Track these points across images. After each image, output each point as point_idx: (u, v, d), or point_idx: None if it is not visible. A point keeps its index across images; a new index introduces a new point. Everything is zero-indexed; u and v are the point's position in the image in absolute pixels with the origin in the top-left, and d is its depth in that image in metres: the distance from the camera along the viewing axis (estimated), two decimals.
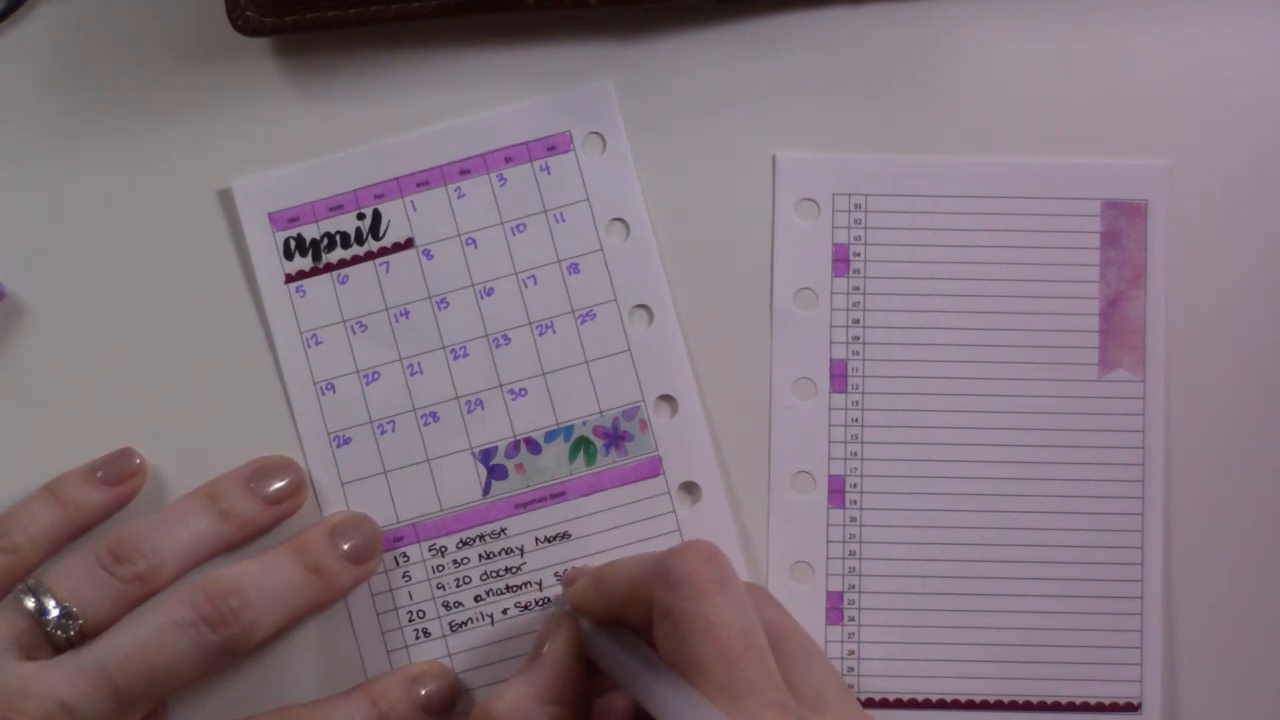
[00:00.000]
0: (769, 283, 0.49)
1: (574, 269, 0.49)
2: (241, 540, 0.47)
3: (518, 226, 0.49)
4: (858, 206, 0.49)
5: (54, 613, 0.44)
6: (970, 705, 0.48)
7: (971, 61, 0.49)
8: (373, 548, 0.48)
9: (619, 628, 0.43)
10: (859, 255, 0.49)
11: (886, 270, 0.49)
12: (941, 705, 0.48)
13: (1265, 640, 0.49)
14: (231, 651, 0.44)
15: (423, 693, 0.47)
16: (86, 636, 0.44)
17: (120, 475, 0.47)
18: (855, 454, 0.49)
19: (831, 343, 0.49)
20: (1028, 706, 0.48)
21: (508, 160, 0.49)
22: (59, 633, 0.43)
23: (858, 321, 0.49)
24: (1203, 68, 0.49)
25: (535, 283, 0.49)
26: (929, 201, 0.49)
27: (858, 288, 0.49)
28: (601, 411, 0.49)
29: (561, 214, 0.49)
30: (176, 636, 0.43)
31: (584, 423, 0.49)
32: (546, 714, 0.41)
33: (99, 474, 0.47)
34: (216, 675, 0.47)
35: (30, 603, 0.44)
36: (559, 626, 0.44)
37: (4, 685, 0.42)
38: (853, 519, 0.49)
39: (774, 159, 0.49)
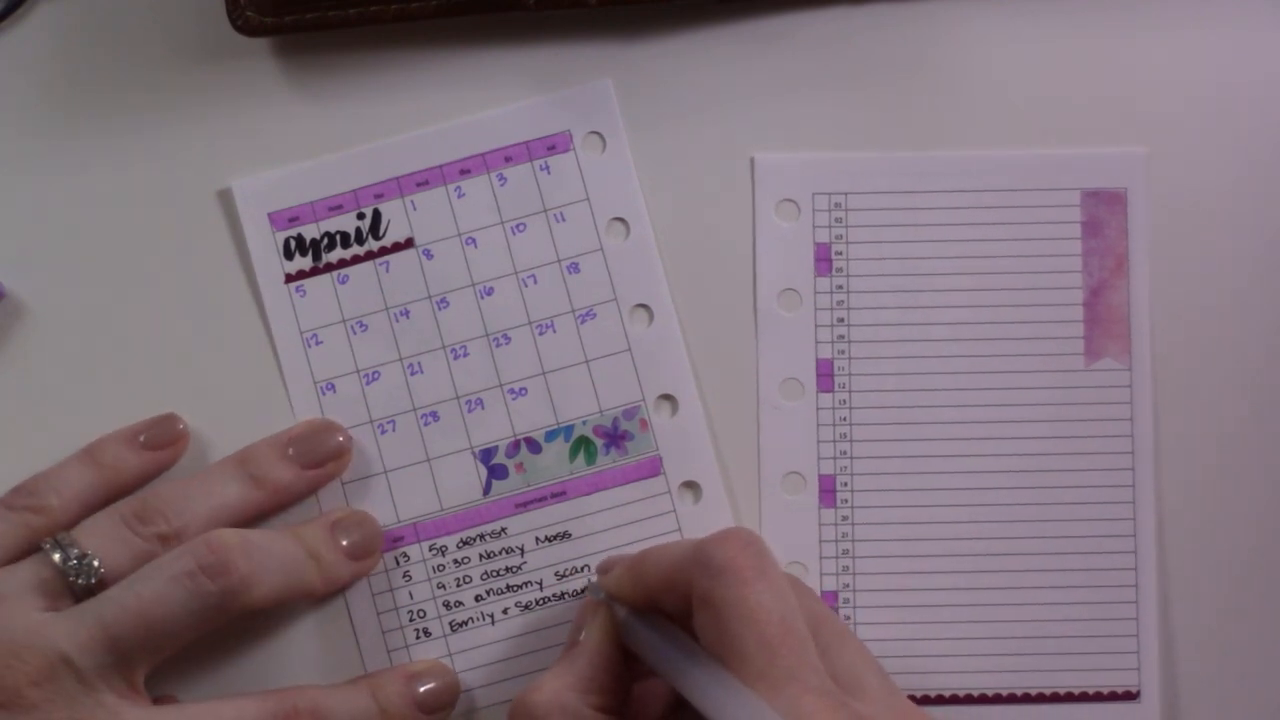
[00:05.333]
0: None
1: (574, 268, 0.49)
2: (274, 506, 0.47)
3: (518, 226, 0.49)
4: (838, 205, 0.49)
5: (75, 555, 0.44)
6: (969, 699, 0.48)
7: (969, 59, 0.49)
8: (371, 546, 0.48)
9: (656, 616, 0.43)
10: (841, 254, 0.49)
11: (869, 268, 0.49)
12: (940, 700, 0.48)
13: (1260, 624, 0.49)
14: (227, 607, 0.44)
15: (421, 690, 0.47)
16: (104, 586, 0.44)
17: (163, 441, 0.47)
18: (845, 453, 0.49)
19: (817, 342, 0.49)
20: (1026, 699, 0.49)
21: (507, 160, 0.49)
22: (78, 580, 0.43)
23: (842, 320, 0.49)
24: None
25: (535, 282, 0.49)
26: (907, 198, 0.49)
27: (841, 286, 0.49)
28: (602, 411, 0.49)
29: (561, 213, 0.49)
30: (174, 587, 0.43)
31: (584, 422, 0.49)
32: (585, 703, 0.41)
33: (141, 439, 0.47)
34: (218, 676, 0.48)
35: (56, 555, 0.44)
36: (595, 615, 0.44)
37: (11, 636, 0.42)
38: (844, 518, 0.49)
39: (751, 161, 0.49)
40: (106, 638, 0.42)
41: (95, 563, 0.44)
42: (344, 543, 0.47)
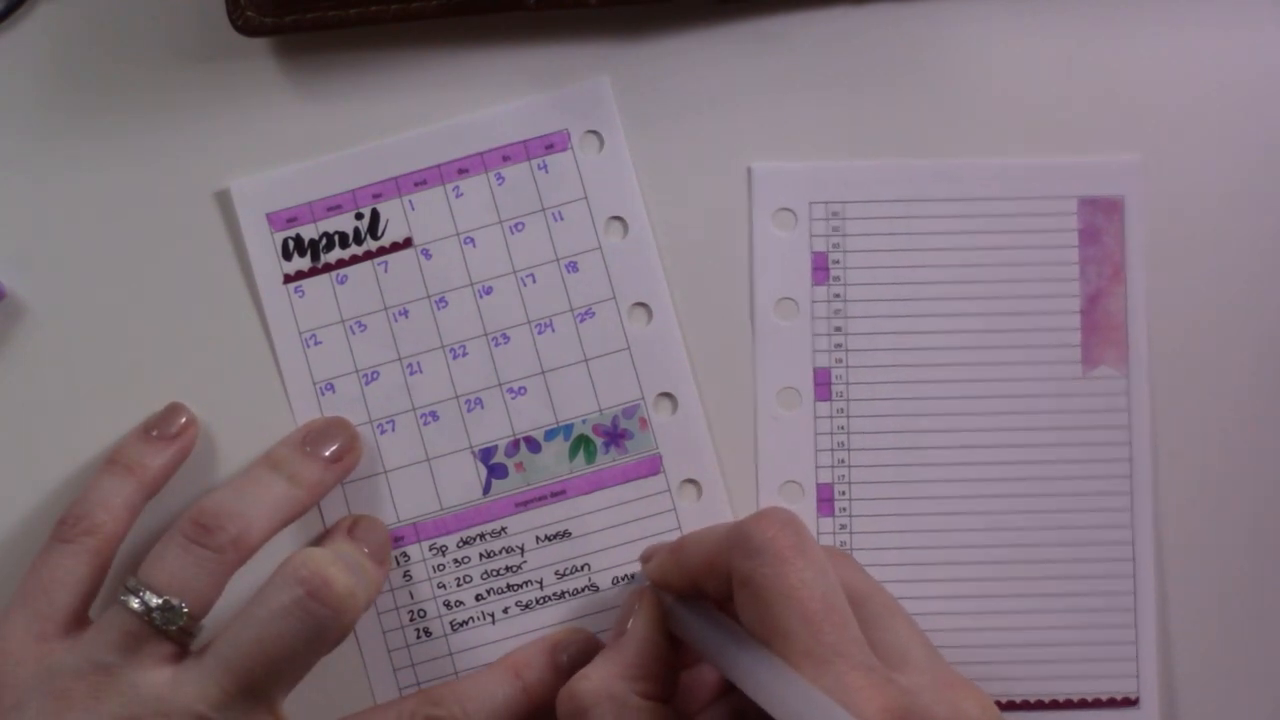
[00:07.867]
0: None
1: (572, 267, 0.49)
2: (313, 503, 0.47)
3: (516, 225, 0.49)
4: (835, 214, 0.49)
5: (156, 604, 0.43)
6: None
7: (968, 63, 0.49)
8: (384, 551, 0.48)
9: (701, 601, 0.43)
10: (838, 263, 0.49)
11: (866, 277, 0.49)
12: None
13: (1258, 630, 0.49)
14: (342, 623, 0.44)
15: (565, 659, 0.47)
16: (195, 619, 0.43)
17: (174, 430, 0.47)
18: (843, 461, 0.49)
19: (814, 351, 0.49)
20: (1026, 706, 0.49)
21: (505, 159, 0.49)
22: (169, 626, 0.43)
23: (839, 329, 0.49)
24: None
25: (534, 281, 0.49)
26: (905, 206, 0.49)
27: (838, 295, 0.49)
28: (601, 410, 0.49)
29: (560, 212, 0.49)
30: (286, 620, 0.43)
31: (584, 421, 0.49)
32: (633, 690, 0.41)
33: (154, 433, 0.47)
34: None
35: (135, 603, 0.43)
36: (642, 603, 0.44)
37: (140, 710, 0.42)
38: (843, 526, 0.49)
39: (749, 170, 0.49)
40: (237, 688, 0.42)
41: (180, 604, 0.43)
42: (365, 549, 0.47)
